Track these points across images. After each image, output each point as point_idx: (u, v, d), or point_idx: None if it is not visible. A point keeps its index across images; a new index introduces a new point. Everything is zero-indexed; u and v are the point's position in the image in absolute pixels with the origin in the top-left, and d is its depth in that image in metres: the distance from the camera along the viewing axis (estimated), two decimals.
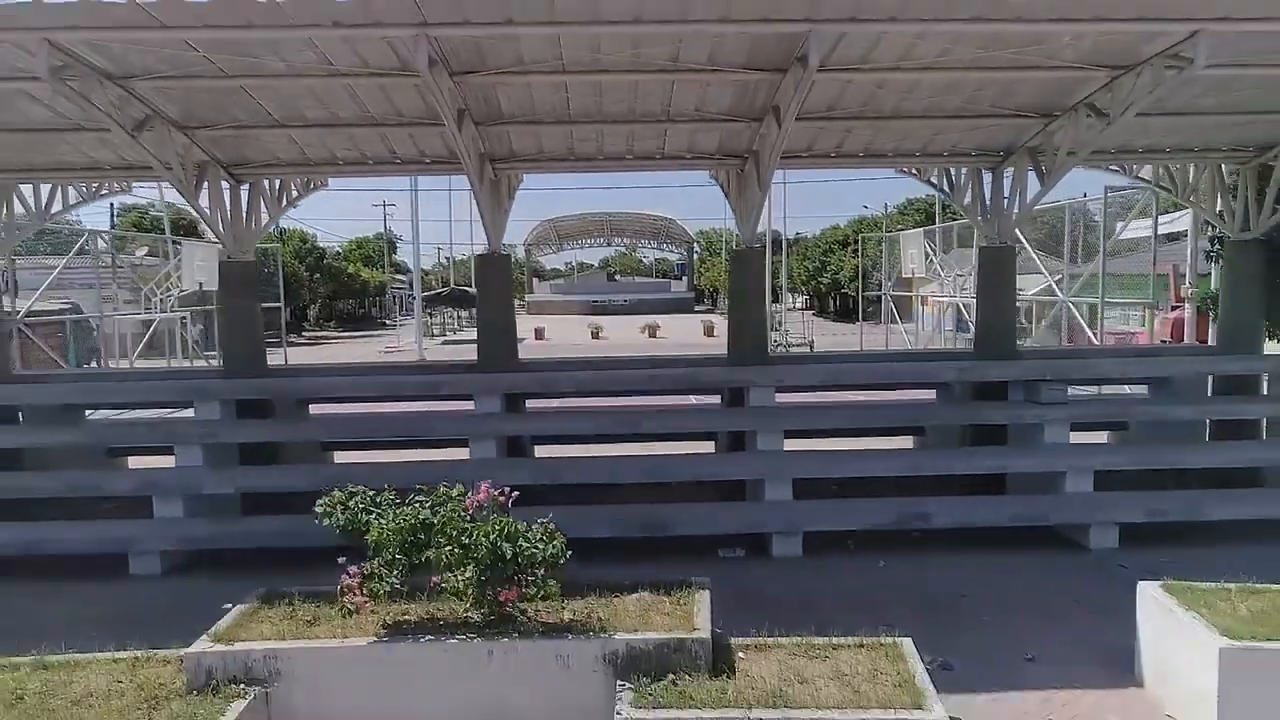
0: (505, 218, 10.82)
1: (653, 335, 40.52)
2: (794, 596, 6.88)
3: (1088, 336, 16.33)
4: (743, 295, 10.72)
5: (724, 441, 9.96)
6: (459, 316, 56.15)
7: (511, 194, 10.87)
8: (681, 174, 52.09)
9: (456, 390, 9.88)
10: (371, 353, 34.89)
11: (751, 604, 6.04)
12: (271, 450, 9.44)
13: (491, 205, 10.07)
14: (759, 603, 6.30)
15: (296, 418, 10.05)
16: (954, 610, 6.67)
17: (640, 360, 12.34)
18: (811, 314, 57.57)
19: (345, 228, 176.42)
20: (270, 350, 11.04)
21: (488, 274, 10.80)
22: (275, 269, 24.31)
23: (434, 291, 50.88)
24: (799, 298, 64.46)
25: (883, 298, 28.11)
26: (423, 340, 34.76)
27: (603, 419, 9.99)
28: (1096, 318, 16.10)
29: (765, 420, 8.98)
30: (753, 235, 10.30)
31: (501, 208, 10.61)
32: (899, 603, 6.66)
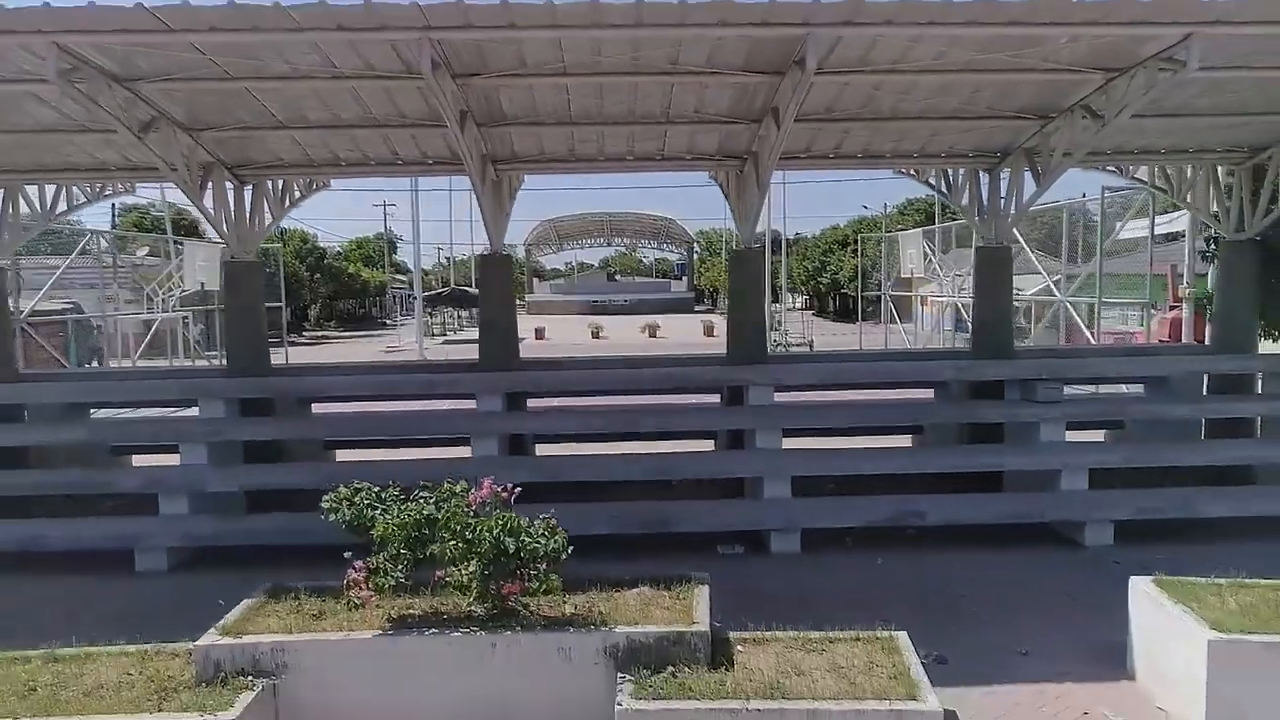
0: (507, 218, 10.90)
1: (653, 335, 40.58)
2: (792, 593, 6.96)
3: (1086, 336, 16.39)
4: (742, 295, 10.78)
5: (723, 440, 10.04)
6: (459, 316, 56.28)
7: (513, 195, 10.94)
8: (681, 174, 52.48)
9: (458, 389, 9.97)
10: (373, 352, 34.93)
11: (750, 600, 6.08)
12: (274, 449, 9.52)
13: (493, 206, 10.15)
14: (757, 599, 6.35)
15: (299, 416, 10.12)
16: (950, 606, 6.75)
17: (640, 360, 12.44)
18: (811, 314, 57.66)
19: (345, 228, 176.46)
20: (271, 350, 11.11)
21: (489, 274, 10.90)
22: (276, 269, 24.40)
23: (434, 291, 50.97)
24: (799, 298, 64.53)
25: (882, 298, 28.20)
26: (423, 340, 34.85)
27: (603, 418, 10.06)
28: (1094, 318, 16.16)
29: (764, 419, 9.05)
30: (752, 235, 10.36)
31: (503, 208, 10.69)
32: (896, 599, 6.74)
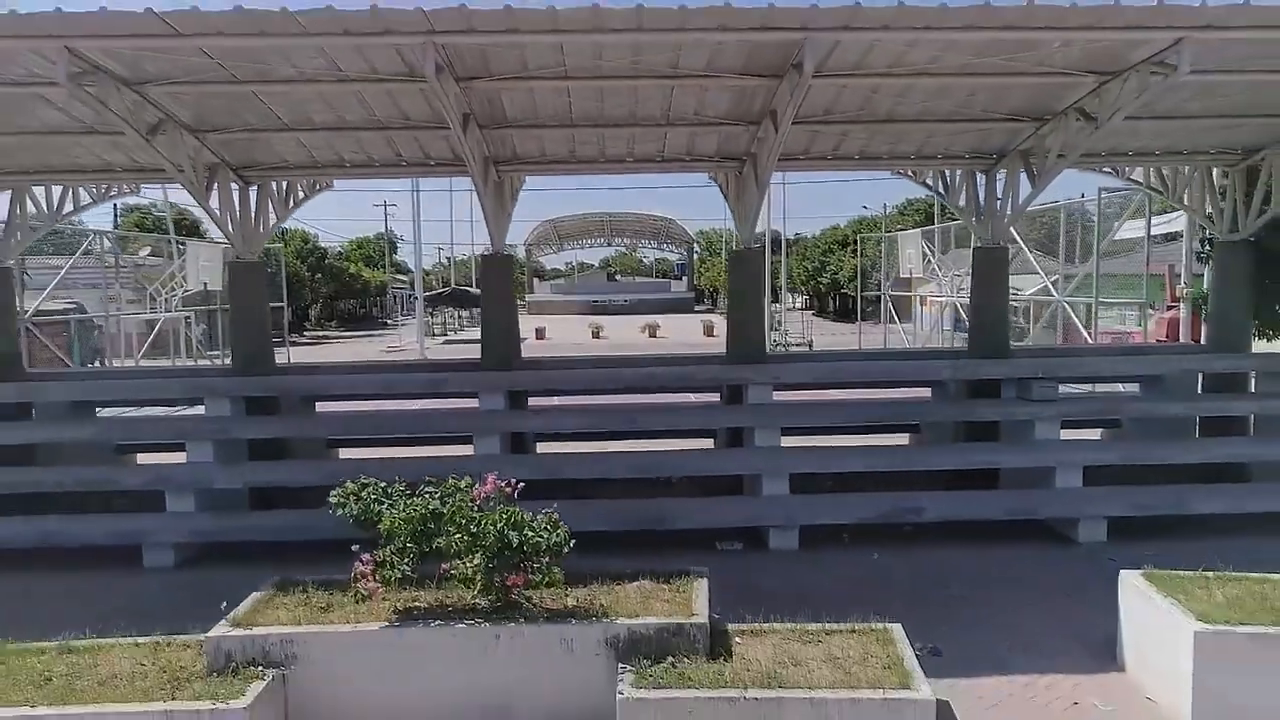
0: (508, 219, 11.00)
1: (653, 335, 40.67)
2: (790, 588, 7.06)
3: (1083, 336, 16.50)
4: (742, 295, 10.88)
5: (723, 438, 10.13)
6: (459, 316, 56.40)
7: (514, 195, 11.02)
8: (681, 175, 52.54)
9: (461, 388, 10.06)
10: (374, 352, 35.05)
11: (748, 595, 6.19)
12: (279, 447, 9.62)
13: (495, 207, 10.26)
14: (756, 594, 6.45)
15: (304, 415, 10.23)
16: (945, 601, 6.87)
17: (641, 359, 12.57)
18: (811, 314, 57.75)
19: (346, 228, 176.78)
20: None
21: (491, 274, 10.99)
22: (278, 269, 24.54)
23: (435, 291, 51.10)
24: (798, 297, 64.63)
25: (882, 298, 28.33)
26: (424, 340, 34.97)
27: (604, 416, 10.18)
28: (1091, 318, 16.27)
29: (763, 417, 9.16)
30: (751, 236, 10.45)
31: (505, 209, 10.80)
32: (892, 594, 6.84)
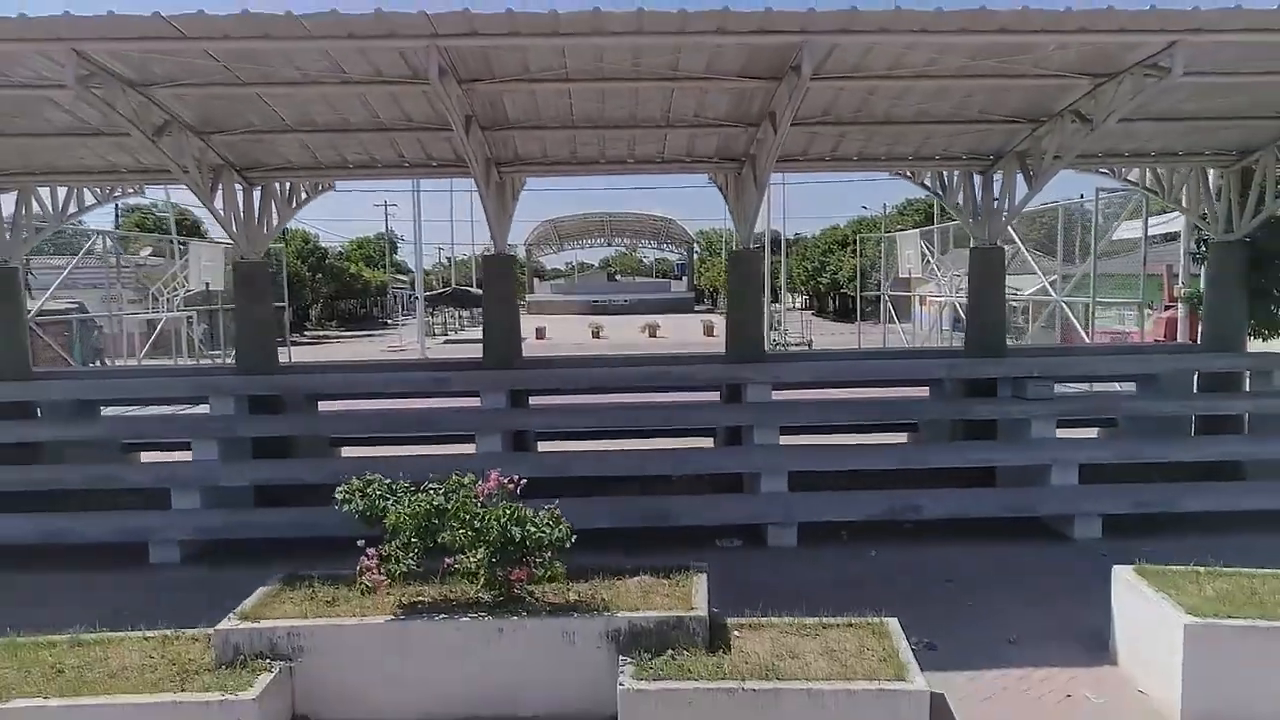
0: (510, 219, 11.08)
1: (653, 335, 40.75)
2: (788, 584, 7.15)
3: (1081, 336, 16.58)
4: (741, 295, 10.94)
5: (722, 436, 10.22)
6: (460, 316, 56.47)
7: (516, 196, 11.11)
8: (681, 176, 52.70)
9: (463, 387, 10.15)
10: (374, 352, 35.13)
11: (747, 590, 6.26)
12: (282, 445, 9.72)
13: (497, 207, 10.35)
14: (754, 590, 6.48)
15: (307, 413, 10.32)
16: (941, 597, 6.96)
17: (641, 358, 12.66)
18: (811, 314, 57.84)
19: (347, 228, 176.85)
20: None
21: (493, 274, 11.08)
22: (279, 269, 24.63)
23: (435, 291, 51.20)
24: (798, 297, 64.71)
25: (881, 298, 28.42)
26: (425, 339, 35.05)
27: (604, 414, 10.26)
28: (1089, 317, 16.36)
29: (762, 416, 9.24)
30: (750, 236, 10.53)
31: (506, 210, 10.88)
32: (889, 590, 6.93)
